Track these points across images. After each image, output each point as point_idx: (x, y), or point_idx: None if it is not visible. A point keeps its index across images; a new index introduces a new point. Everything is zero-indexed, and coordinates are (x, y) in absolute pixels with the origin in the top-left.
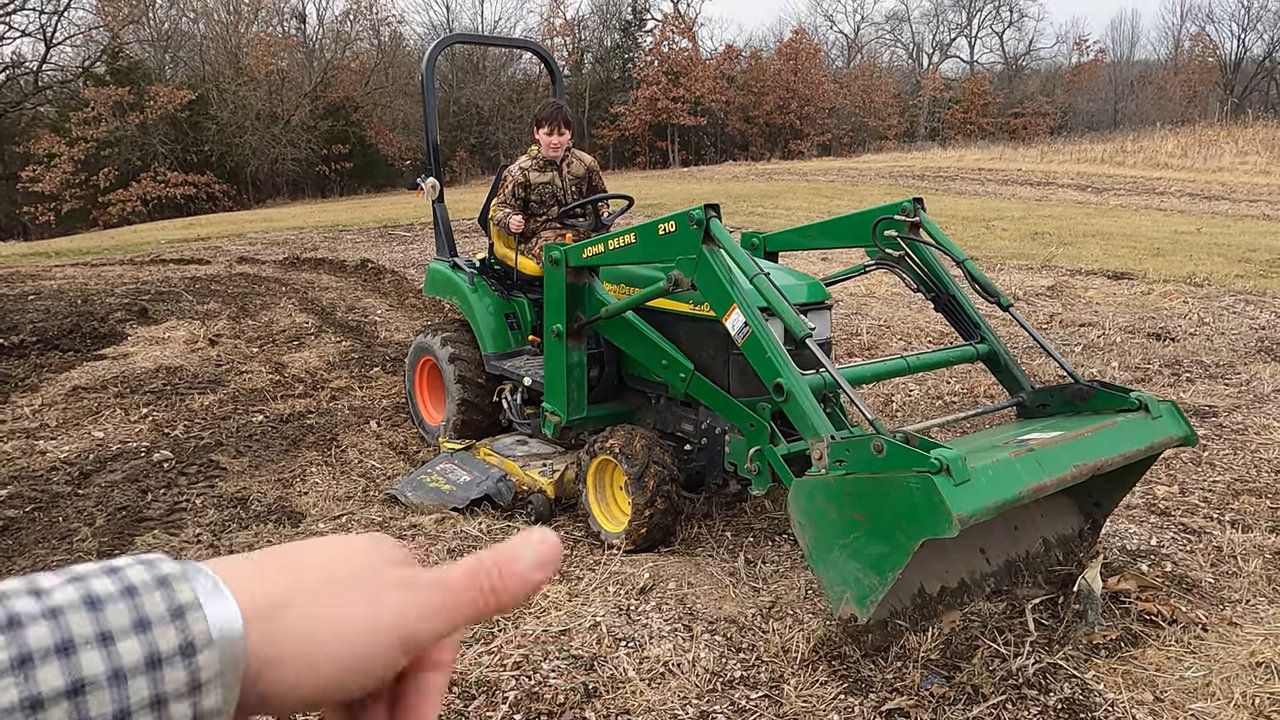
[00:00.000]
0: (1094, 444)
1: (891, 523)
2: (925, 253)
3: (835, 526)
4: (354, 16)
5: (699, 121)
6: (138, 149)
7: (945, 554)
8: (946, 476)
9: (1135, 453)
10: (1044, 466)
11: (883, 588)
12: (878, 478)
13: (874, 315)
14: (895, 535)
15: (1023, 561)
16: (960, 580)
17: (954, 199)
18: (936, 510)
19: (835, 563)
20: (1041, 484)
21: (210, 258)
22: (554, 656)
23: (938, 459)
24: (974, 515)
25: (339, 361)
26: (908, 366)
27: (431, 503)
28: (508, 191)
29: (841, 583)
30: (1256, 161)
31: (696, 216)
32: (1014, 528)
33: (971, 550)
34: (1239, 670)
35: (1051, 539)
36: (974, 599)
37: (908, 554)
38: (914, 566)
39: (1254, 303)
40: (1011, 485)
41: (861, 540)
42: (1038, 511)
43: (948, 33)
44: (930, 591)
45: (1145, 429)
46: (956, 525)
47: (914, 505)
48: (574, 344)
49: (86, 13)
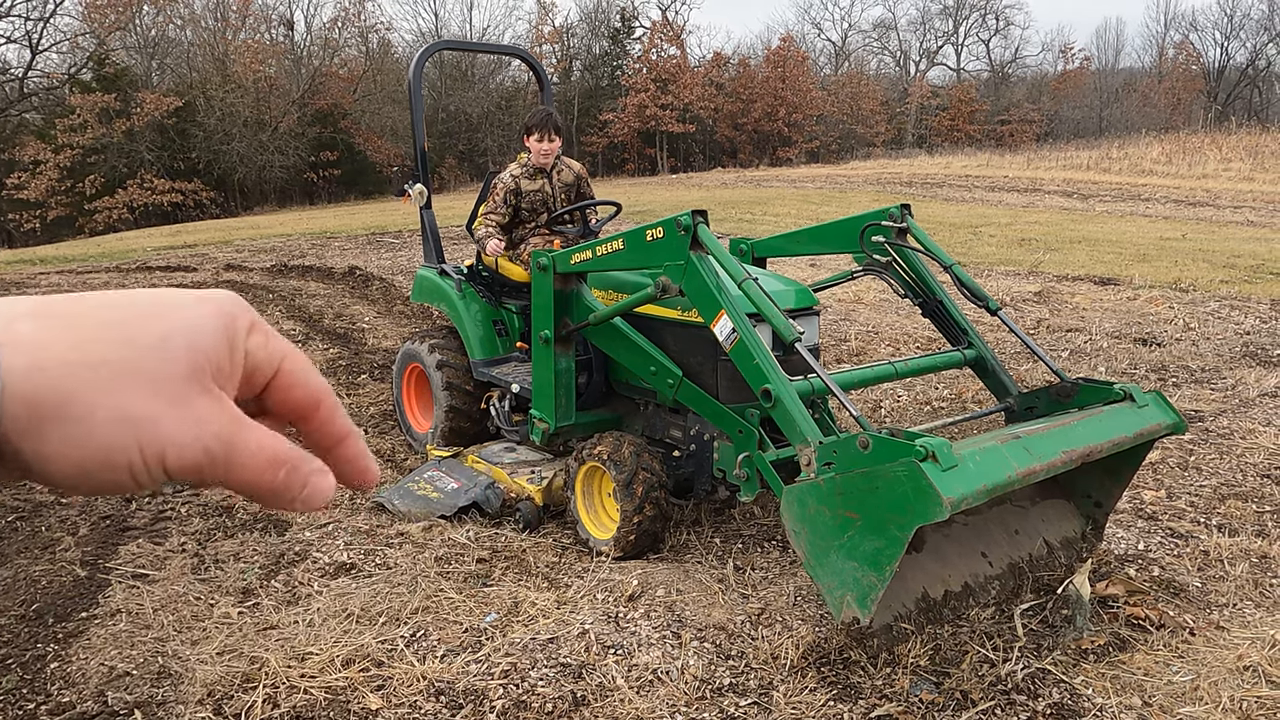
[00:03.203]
0: (1081, 432)
1: (884, 515)
2: (913, 258)
3: (830, 528)
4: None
5: (688, 129)
6: (124, 156)
7: (947, 558)
8: (933, 462)
9: (1124, 439)
10: (1032, 452)
11: (882, 584)
12: (866, 472)
13: (862, 321)
14: (888, 527)
15: (1026, 564)
16: (964, 584)
17: (941, 206)
18: (926, 495)
19: (833, 565)
20: (1031, 469)
21: (197, 265)
22: (542, 664)
23: (923, 446)
24: (964, 499)
25: (326, 369)
26: (895, 372)
27: (419, 510)
28: (499, 198)
29: (841, 585)
30: (1240, 168)
31: (684, 222)
32: (1014, 531)
33: (973, 554)
34: (1226, 674)
35: (1054, 541)
36: (977, 602)
37: (902, 545)
38: (916, 571)
39: (1239, 308)
40: (1000, 470)
41: (856, 538)
42: (1038, 515)
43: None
44: (934, 595)
45: (1132, 417)
46: (947, 508)
47: (904, 494)
48: (562, 350)
49: (73, 19)
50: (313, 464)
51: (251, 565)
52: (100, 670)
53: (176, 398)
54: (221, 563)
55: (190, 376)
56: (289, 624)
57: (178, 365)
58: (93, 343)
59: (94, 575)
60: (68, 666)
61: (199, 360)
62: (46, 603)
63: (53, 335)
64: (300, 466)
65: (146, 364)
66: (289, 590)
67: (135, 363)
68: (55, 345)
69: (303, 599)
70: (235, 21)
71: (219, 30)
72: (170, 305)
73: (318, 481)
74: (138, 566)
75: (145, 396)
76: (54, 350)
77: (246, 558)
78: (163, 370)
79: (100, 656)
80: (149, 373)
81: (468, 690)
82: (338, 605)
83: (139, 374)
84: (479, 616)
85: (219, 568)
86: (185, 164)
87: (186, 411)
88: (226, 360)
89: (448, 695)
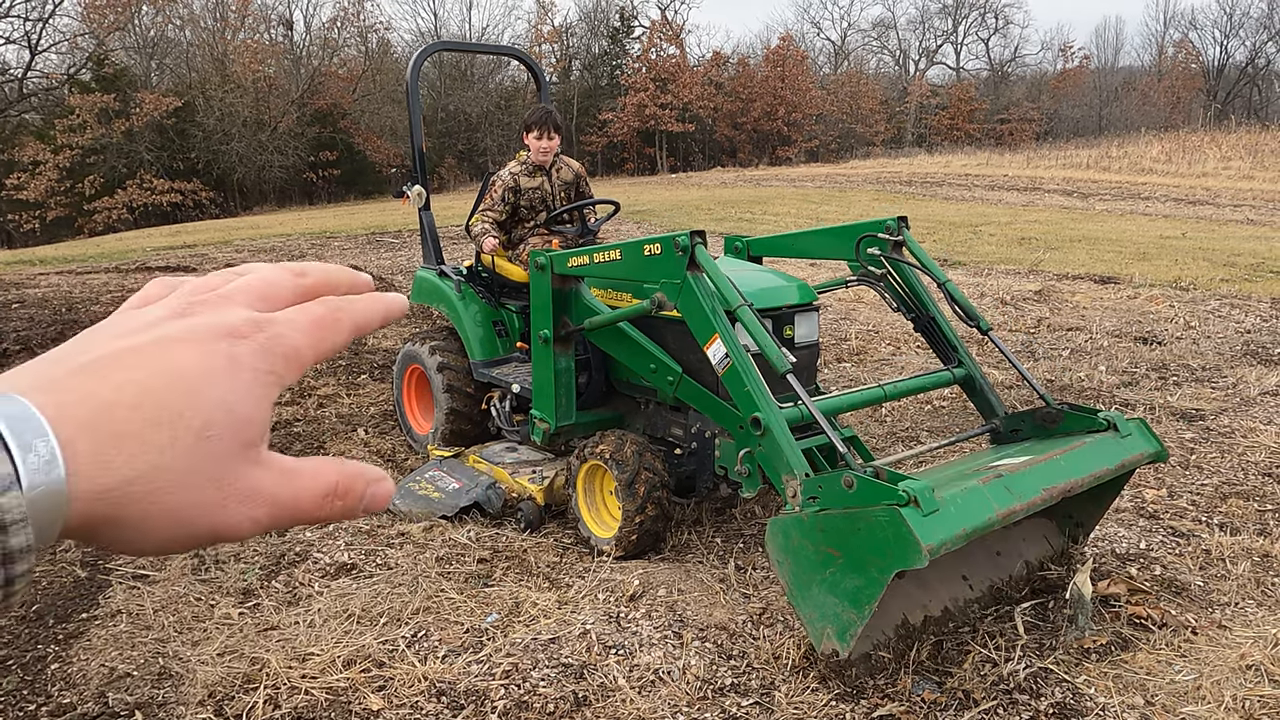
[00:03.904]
0: (1062, 467)
1: (864, 556)
2: (907, 273)
3: (812, 562)
4: (341, 23)
5: (687, 128)
6: (123, 156)
7: (927, 584)
8: (915, 508)
9: (1105, 472)
10: (1013, 492)
11: (861, 621)
12: (849, 512)
13: (862, 320)
14: (869, 569)
15: (1007, 585)
16: (944, 608)
17: (941, 204)
18: (906, 542)
19: (814, 598)
20: (1011, 509)
21: (197, 265)
22: (543, 665)
23: (905, 491)
24: (944, 544)
25: (326, 369)
26: (885, 394)
27: (421, 510)
28: (497, 195)
29: (822, 619)
30: (1240, 167)
31: (682, 243)
32: (996, 553)
33: (954, 578)
34: (1229, 673)
35: (1034, 562)
36: (959, 627)
37: (882, 587)
38: (896, 597)
39: (1239, 306)
40: (981, 512)
41: (838, 574)
42: (1019, 535)
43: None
44: (914, 621)
45: (1114, 448)
46: (926, 556)
47: (884, 538)
48: (561, 349)
49: (72, 20)
50: (366, 479)
51: (252, 566)
52: (101, 671)
53: (224, 481)
54: (222, 563)
55: (236, 454)
56: (290, 625)
57: (223, 448)
58: (142, 452)
59: (94, 576)
60: (68, 667)
61: (242, 434)
62: (47, 604)
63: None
64: (352, 489)
65: (193, 462)
66: (290, 591)
67: (184, 466)
68: (109, 465)
69: (303, 599)
70: (234, 21)
71: (218, 30)
72: (199, 375)
73: (374, 493)
74: (138, 567)
75: (194, 494)
76: (109, 472)
77: (247, 558)
78: (210, 461)
79: (101, 657)
80: (198, 472)
81: (469, 691)
82: (339, 606)
83: (189, 474)
84: (480, 617)
85: (219, 568)
86: (184, 164)
87: (233, 492)
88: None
89: (449, 696)
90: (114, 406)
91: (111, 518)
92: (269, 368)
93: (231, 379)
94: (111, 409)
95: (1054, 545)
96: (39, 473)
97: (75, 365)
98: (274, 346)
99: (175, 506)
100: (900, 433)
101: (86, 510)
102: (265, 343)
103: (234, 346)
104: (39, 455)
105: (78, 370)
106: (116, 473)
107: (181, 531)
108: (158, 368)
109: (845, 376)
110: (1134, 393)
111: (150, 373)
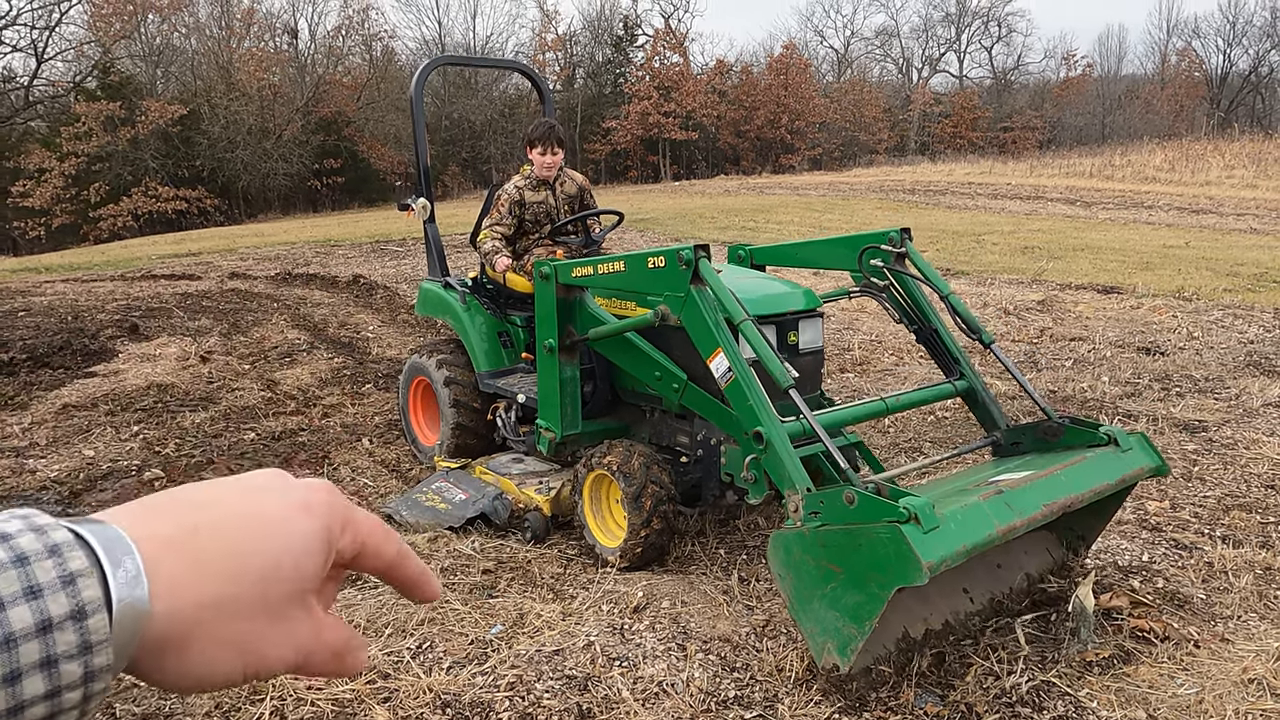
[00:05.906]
0: (1063, 482)
1: (865, 572)
2: (910, 284)
3: (814, 577)
4: (346, 32)
5: (690, 136)
6: (129, 164)
7: (928, 597)
8: (915, 525)
9: (1105, 487)
10: (1013, 508)
11: (861, 637)
12: (850, 529)
13: (865, 330)
14: (869, 585)
15: (1008, 598)
16: (945, 622)
17: (944, 213)
18: (906, 559)
19: (815, 613)
20: (1011, 525)
21: (202, 273)
22: (548, 677)
23: (906, 508)
24: (944, 561)
25: (331, 378)
26: (886, 408)
27: (427, 521)
28: (503, 210)
29: (823, 633)
30: (1243, 175)
31: (686, 256)
32: (997, 565)
33: (955, 592)
34: (1231, 687)
35: (1035, 575)
36: (960, 639)
37: (883, 603)
38: (897, 611)
39: (1242, 316)
40: (981, 529)
41: (839, 590)
42: (1020, 547)
43: (937, 48)
44: (914, 635)
45: (1114, 463)
46: (926, 573)
47: (885, 555)
48: (566, 359)
49: (78, 28)
50: (358, 644)
51: None
52: None
53: (278, 616)
54: None
55: (293, 598)
56: None
57: (284, 588)
58: (214, 579)
59: None
60: None
61: (303, 584)
62: None
63: (185, 575)
64: (353, 651)
65: (258, 594)
66: None
67: (250, 597)
68: (188, 588)
69: None
70: (240, 30)
71: (223, 39)
72: (277, 519)
73: (358, 657)
74: None
75: (253, 624)
76: (187, 594)
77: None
78: (270, 598)
79: None
80: (260, 603)
81: (474, 702)
82: (344, 617)
83: (253, 605)
84: (485, 628)
85: None
86: (190, 171)
87: (284, 629)
88: (322, 568)
89: (454, 707)
90: (197, 533)
91: (180, 640)
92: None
93: (304, 531)
94: (195, 534)
95: (1055, 558)
96: (125, 587)
97: (167, 496)
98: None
99: (235, 636)
100: (903, 444)
101: (162, 631)
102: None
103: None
104: (126, 571)
105: (168, 499)
106: (193, 595)
107: (237, 663)
108: (241, 508)
109: (848, 387)
110: (1136, 404)
111: (234, 511)
